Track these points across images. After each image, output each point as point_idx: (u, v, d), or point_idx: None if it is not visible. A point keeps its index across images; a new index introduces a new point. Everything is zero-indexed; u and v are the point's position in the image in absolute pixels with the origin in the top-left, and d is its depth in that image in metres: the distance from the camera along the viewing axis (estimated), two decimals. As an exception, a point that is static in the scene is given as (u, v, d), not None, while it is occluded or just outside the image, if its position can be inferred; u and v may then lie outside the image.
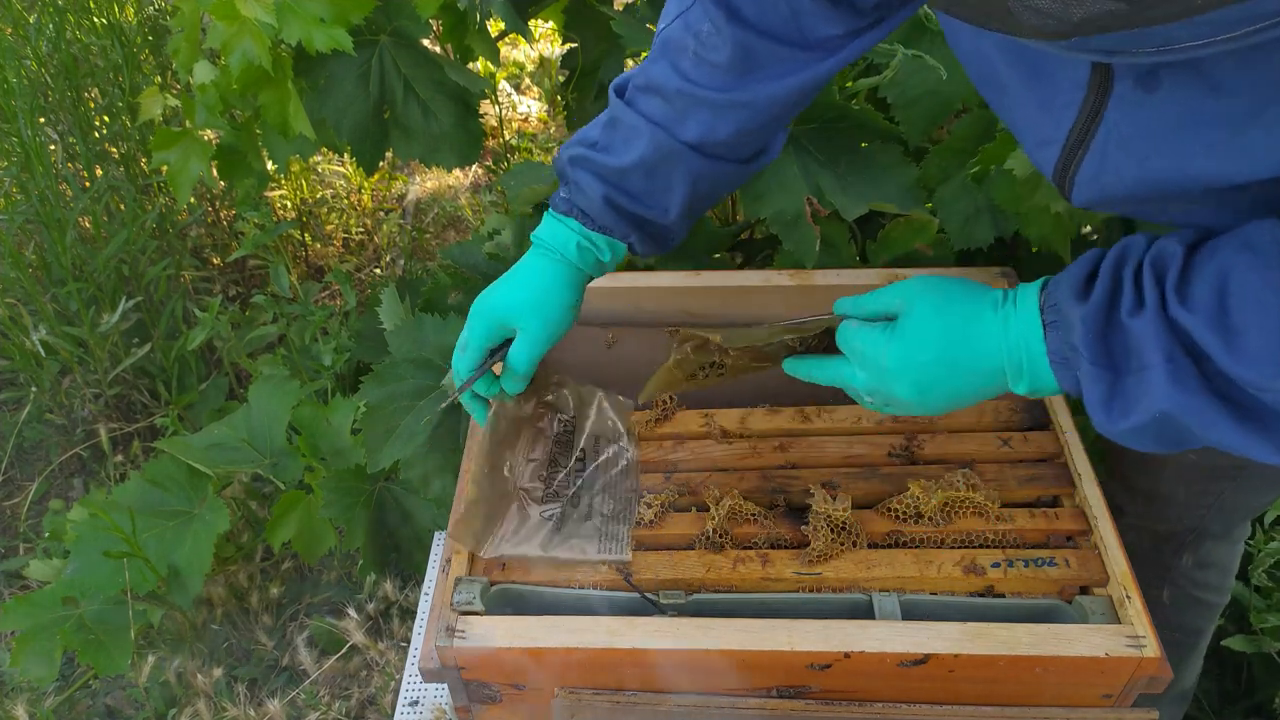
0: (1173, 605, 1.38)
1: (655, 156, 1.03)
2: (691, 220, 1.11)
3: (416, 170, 3.09)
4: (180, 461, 1.67)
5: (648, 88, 1.04)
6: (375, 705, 1.72)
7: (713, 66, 0.99)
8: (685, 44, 1.00)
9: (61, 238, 2.17)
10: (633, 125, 1.04)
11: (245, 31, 1.62)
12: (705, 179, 1.06)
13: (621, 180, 1.05)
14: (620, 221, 1.07)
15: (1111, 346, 0.76)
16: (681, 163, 1.04)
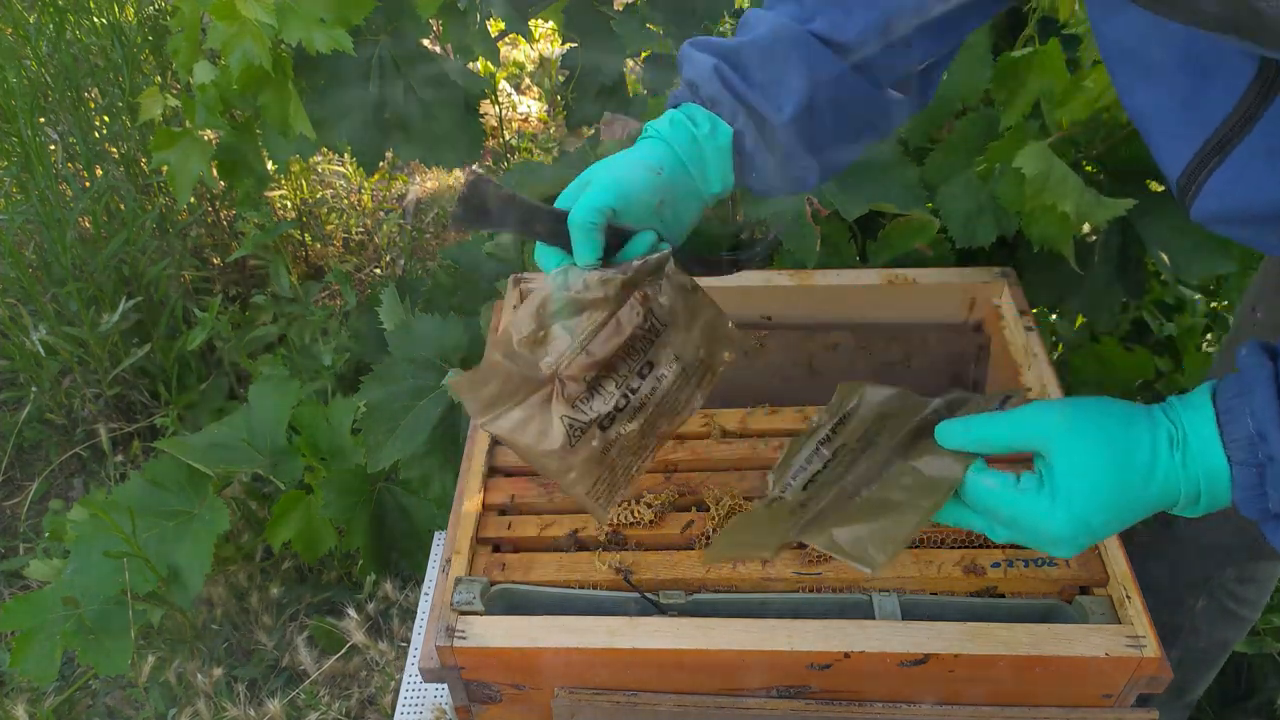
0: (1204, 616, 1.37)
1: (775, 37, 0.92)
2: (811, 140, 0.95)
3: (416, 170, 3.09)
4: (180, 461, 1.67)
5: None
6: (375, 705, 1.72)
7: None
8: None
9: (61, 238, 2.17)
10: (757, 16, 0.95)
11: (245, 31, 1.63)
12: (828, 83, 0.93)
13: (735, 55, 0.93)
14: (727, 96, 0.93)
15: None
16: (804, 52, 0.92)
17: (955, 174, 1.50)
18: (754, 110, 0.93)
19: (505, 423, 0.89)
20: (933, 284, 1.38)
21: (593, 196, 0.88)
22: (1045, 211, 1.38)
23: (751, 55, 0.93)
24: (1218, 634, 1.40)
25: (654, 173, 0.91)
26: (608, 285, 0.89)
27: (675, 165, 0.93)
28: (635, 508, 1.11)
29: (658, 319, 0.93)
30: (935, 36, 0.95)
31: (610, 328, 0.90)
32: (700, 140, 0.93)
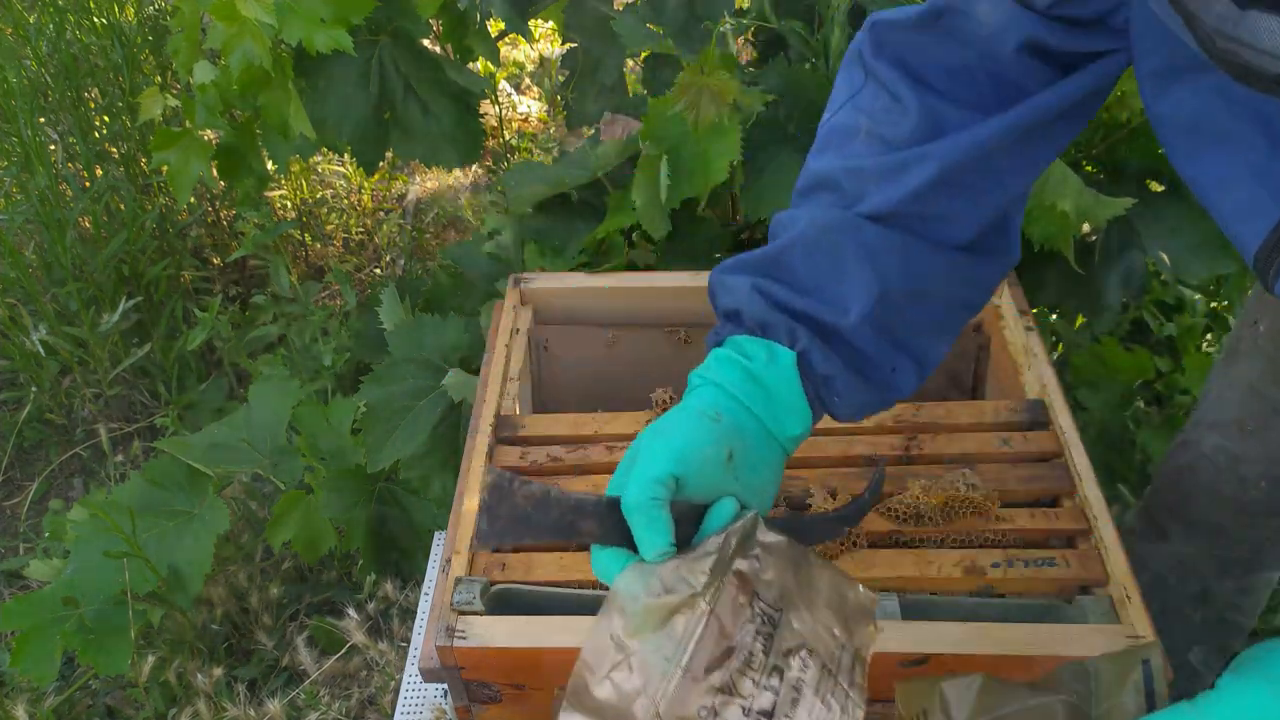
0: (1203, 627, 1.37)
1: (821, 229, 0.81)
2: (893, 336, 0.83)
3: (416, 170, 3.09)
4: (180, 461, 1.67)
5: (812, 186, 0.86)
6: (375, 705, 1.72)
7: (888, 142, 0.83)
8: (856, 126, 0.85)
9: (61, 238, 2.17)
10: (791, 217, 0.85)
11: (245, 32, 1.63)
12: (895, 262, 0.81)
13: (774, 265, 0.82)
14: (778, 315, 0.81)
15: None
16: (859, 237, 0.81)
17: (955, 174, 1.50)
18: (814, 321, 0.80)
19: None
20: (933, 284, 1.38)
21: (647, 468, 0.73)
22: (1045, 211, 1.38)
23: (795, 258, 0.81)
24: (1217, 642, 1.40)
25: (712, 420, 0.77)
26: (693, 577, 0.68)
27: (735, 409, 0.78)
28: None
29: (768, 604, 0.71)
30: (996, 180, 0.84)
31: (711, 633, 0.68)
32: (757, 374, 0.79)
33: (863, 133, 0.84)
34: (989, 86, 0.82)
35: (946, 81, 0.82)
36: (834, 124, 0.88)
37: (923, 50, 0.83)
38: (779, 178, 1.50)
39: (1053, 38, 0.78)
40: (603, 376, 1.42)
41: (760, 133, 1.52)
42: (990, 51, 0.81)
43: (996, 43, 0.80)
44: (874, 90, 0.85)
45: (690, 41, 1.71)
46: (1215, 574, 1.31)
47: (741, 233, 1.81)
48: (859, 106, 0.86)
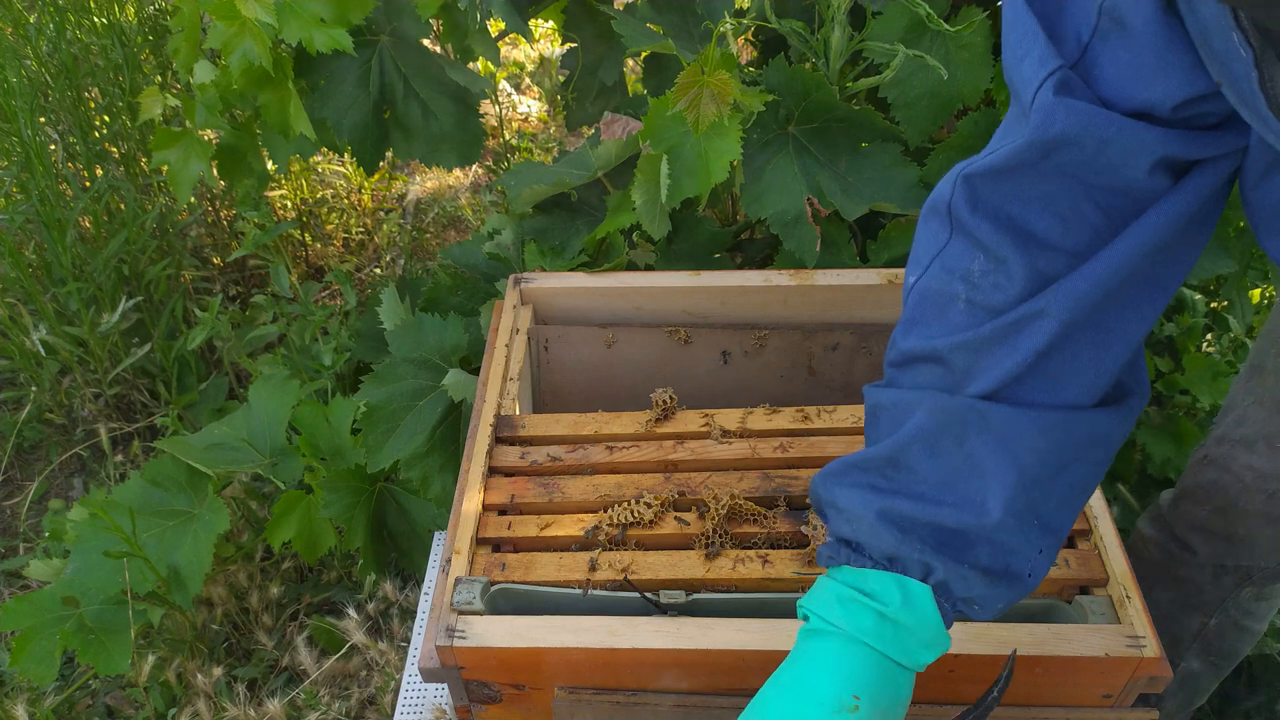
0: (1216, 631, 1.37)
1: (936, 423, 0.74)
2: (1037, 518, 0.75)
3: (416, 170, 3.09)
4: (180, 461, 1.67)
5: (911, 359, 0.79)
6: (375, 705, 1.72)
7: (993, 310, 0.75)
8: (952, 293, 0.77)
9: (61, 238, 2.17)
10: (898, 400, 0.78)
11: (245, 31, 1.63)
12: (1028, 443, 0.73)
13: (893, 470, 0.75)
14: (909, 541, 0.74)
15: None
16: (978, 424, 0.73)
17: (955, 174, 1.50)
18: (949, 532, 0.73)
19: None
20: (933, 284, 1.38)
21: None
22: (1045, 211, 1.38)
23: (916, 458, 0.74)
24: (1229, 648, 1.40)
25: (850, 711, 0.71)
26: None
27: (873, 671, 0.72)
28: (635, 508, 1.11)
29: None
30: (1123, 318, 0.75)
31: None
32: (892, 616, 0.73)
33: (961, 301, 0.76)
34: (1103, 223, 0.73)
35: (1059, 230, 0.73)
36: (924, 288, 0.79)
37: (1027, 198, 0.73)
38: (779, 178, 1.50)
39: (1187, 148, 0.69)
40: (603, 376, 1.42)
41: (760, 133, 1.52)
42: (1115, 180, 0.71)
43: (1127, 168, 0.70)
44: (964, 247, 0.76)
45: (690, 41, 1.71)
46: (1236, 583, 1.31)
47: (741, 233, 1.81)
48: (949, 268, 0.77)
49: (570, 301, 1.44)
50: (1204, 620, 1.36)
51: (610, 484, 1.16)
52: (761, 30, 1.93)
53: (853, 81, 1.58)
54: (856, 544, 0.76)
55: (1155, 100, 0.67)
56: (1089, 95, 0.68)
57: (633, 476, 1.17)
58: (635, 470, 1.18)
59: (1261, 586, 1.31)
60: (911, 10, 1.47)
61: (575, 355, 1.42)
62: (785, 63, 1.53)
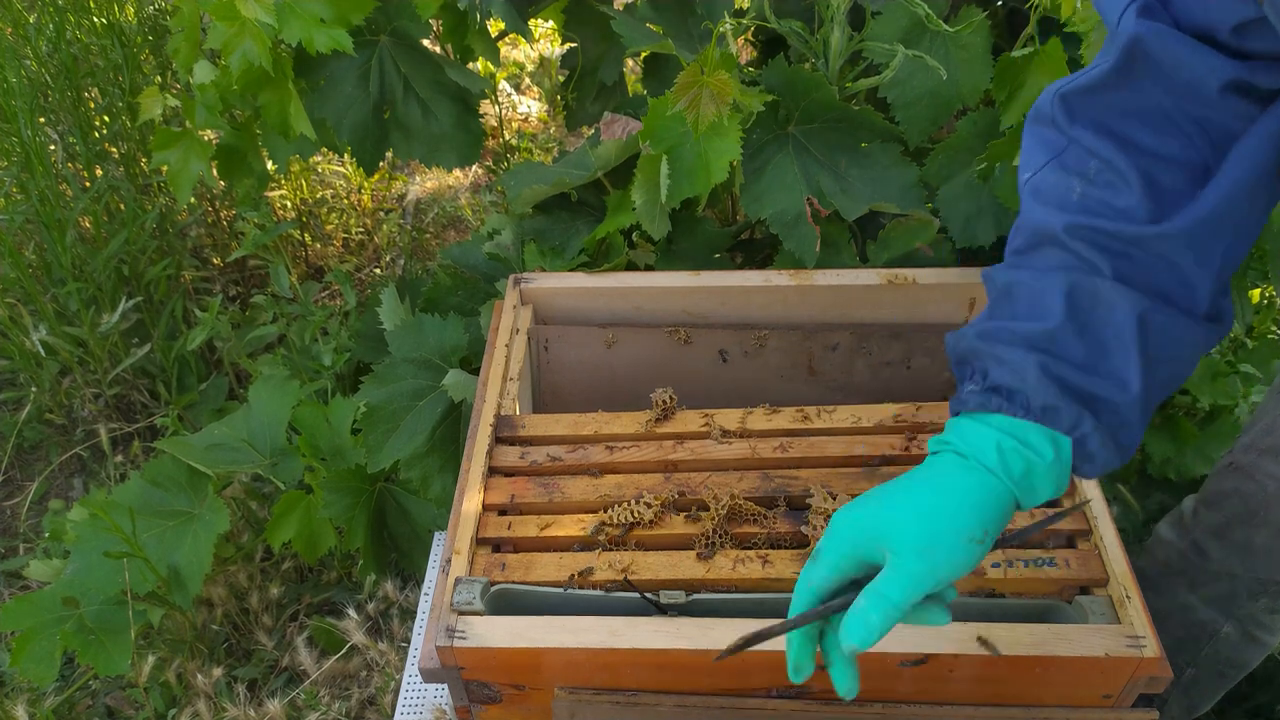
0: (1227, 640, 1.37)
1: (1082, 307, 0.81)
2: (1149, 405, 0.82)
3: (416, 170, 3.09)
4: (180, 461, 1.67)
5: (1033, 244, 0.85)
6: (375, 705, 1.72)
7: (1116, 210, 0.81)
8: (1069, 185, 0.83)
9: (61, 238, 2.17)
10: (1036, 282, 0.83)
11: (245, 32, 1.63)
12: (1156, 326, 0.80)
13: (1054, 345, 0.80)
14: (1067, 399, 0.79)
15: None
16: (1118, 306, 0.80)
17: (955, 174, 1.50)
18: (1098, 400, 0.80)
19: None
20: (933, 284, 1.38)
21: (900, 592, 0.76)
22: (1045, 211, 1.38)
23: (1068, 341, 0.81)
24: (1239, 658, 1.39)
25: (977, 544, 0.78)
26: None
27: (1003, 512, 0.79)
28: (635, 508, 1.11)
29: None
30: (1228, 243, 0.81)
31: None
32: (1037, 468, 0.80)
33: (1077, 191, 0.82)
34: (1196, 132, 0.79)
35: (1153, 137, 0.80)
36: (1036, 183, 0.85)
37: (1121, 110, 0.80)
38: (779, 178, 1.50)
39: (1254, 75, 0.76)
40: (603, 376, 1.42)
41: (760, 133, 1.52)
42: (1192, 95, 0.78)
43: (1203, 89, 0.77)
44: (1080, 154, 0.82)
45: (690, 41, 1.71)
46: (1251, 594, 1.31)
47: (741, 232, 1.81)
48: (1067, 166, 0.83)
49: (570, 301, 1.44)
50: (1215, 628, 1.35)
51: (610, 484, 1.16)
52: (761, 30, 1.93)
53: (852, 82, 1.58)
54: (1012, 393, 0.81)
55: (1215, 23, 0.75)
56: (1166, 18, 0.77)
57: (633, 476, 1.17)
58: (635, 470, 1.18)
59: (1276, 599, 1.30)
60: (911, 10, 1.47)
61: (575, 355, 1.42)
62: (785, 63, 1.53)
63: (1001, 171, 1.42)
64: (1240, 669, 1.42)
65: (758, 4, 1.55)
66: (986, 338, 0.83)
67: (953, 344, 0.88)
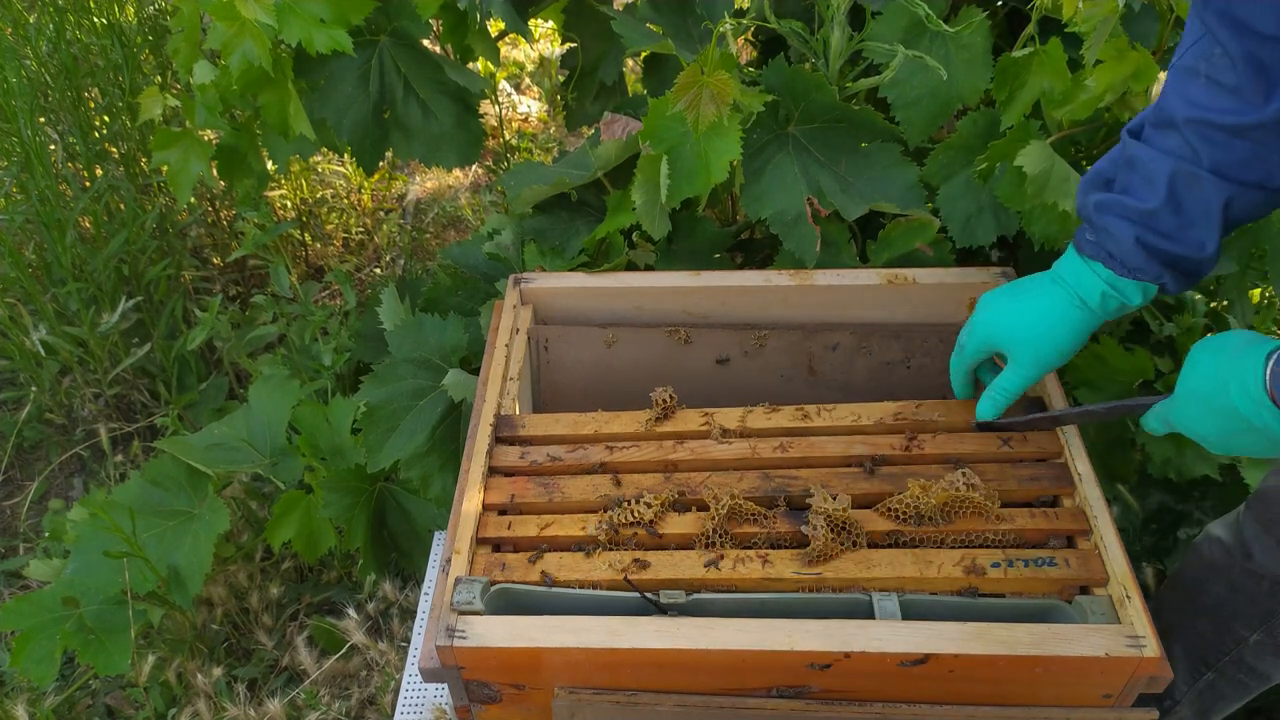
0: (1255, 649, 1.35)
1: (1181, 191, 1.01)
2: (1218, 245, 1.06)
3: (416, 170, 3.09)
4: (180, 461, 1.67)
5: (1160, 122, 1.03)
6: (375, 705, 1.72)
7: (1222, 89, 0.96)
8: (1197, 69, 0.98)
9: (61, 238, 2.17)
10: (1150, 163, 1.03)
11: (245, 32, 1.62)
12: (1238, 205, 1.01)
13: (1151, 221, 1.03)
14: (1152, 262, 1.05)
15: None
16: (1210, 192, 1.00)
17: (955, 174, 1.50)
18: (1177, 257, 1.04)
19: None
20: (933, 284, 1.38)
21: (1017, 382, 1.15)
22: (1046, 210, 1.38)
23: (1165, 217, 1.03)
24: (1263, 668, 1.38)
25: (1071, 353, 1.13)
26: None
27: (1092, 329, 1.11)
28: (635, 508, 1.11)
29: None
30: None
31: None
32: (1131, 307, 1.09)
33: (1201, 77, 0.98)
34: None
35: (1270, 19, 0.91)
36: (1180, 65, 1.01)
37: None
38: (779, 178, 1.50)
39: None
40: (603, 376, 1.42)
41: (760, 133, 1.52)
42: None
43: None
44: (1209, 41, 0.97)
45: (690, 41, 1.71)
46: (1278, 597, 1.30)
47: (741, 232, 1.81)
48: (1200, 52, 0.98)
49: (570, 301, 1.44)
50: (1245, 634, 1.34)
51: (610, 484, 1.16)
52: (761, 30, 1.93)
53: (852, 82, 1.58)
54: (1111, 256, 1.07)
55: None
56: None
57: (633, 476, 1.17)
58: (635, 470, 1.18)
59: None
60: (911, 10, 1.47)
61: (575, 355, 1.42)
62: (785, 63, 1.53)
63: (1001, 171, 1.41)
64: (1262, 681, 1.40)
65: (758, 4, 1.55)
66: (1101, 209, 1.07)
67: (1080, 200, 1.11)
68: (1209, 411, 0.96)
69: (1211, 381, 0.96)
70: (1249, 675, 1.39)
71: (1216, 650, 1.38)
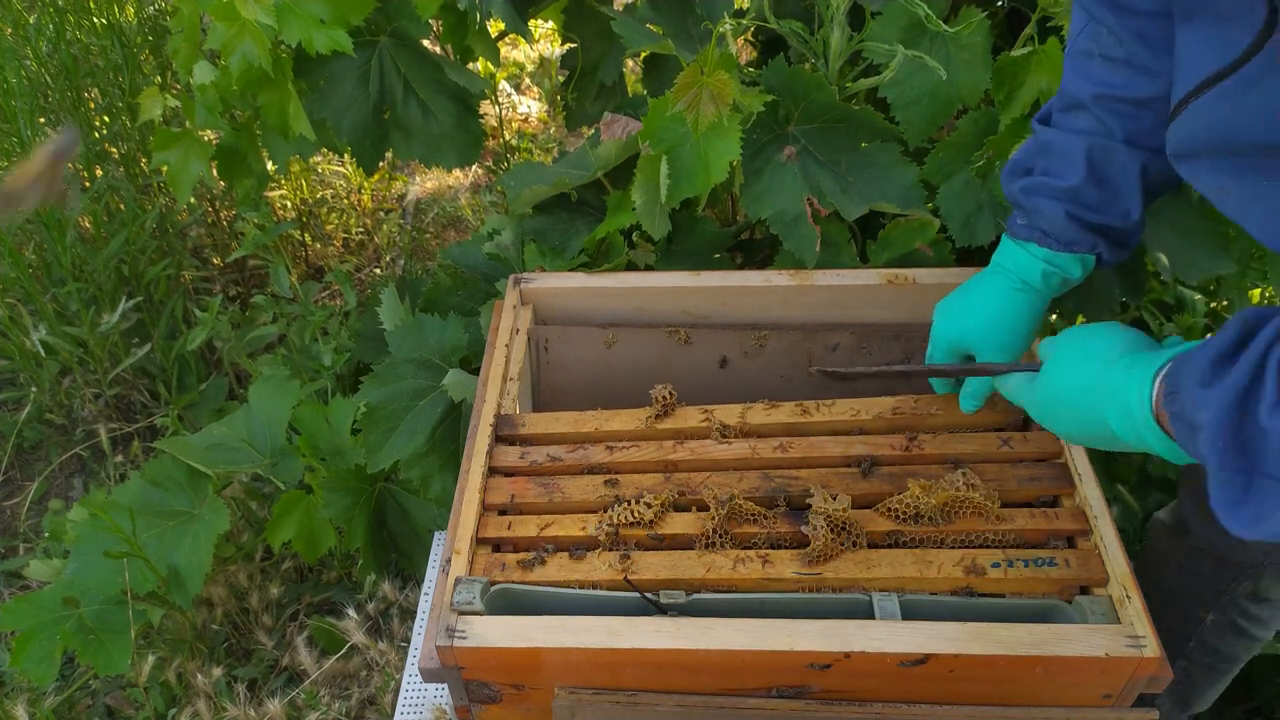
0: (1213, 629, 1.36)
1: (1099, 164, 1.06)
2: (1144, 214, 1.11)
3: (416, 170, 3.09)
4: (180, 461, 1.67)
5: (1068, 106, 1.09)
6: (375, 705, 1.72)
7: (1117, 63, 1.03)
8: (1091, 51, 1.05)
9: (61, 238, 2.17)
10: (1065, 144, 1.08)
11: (245, 32, 1.63)
12: (1154, 171, 1.06)
13: (1077, 196, 1.08)
14: (1085, 234, 1.09)
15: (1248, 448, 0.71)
16: (1126, 162, 1.05)
17: (955, 174, 1.50)
18: (1107, 228, 1.08)
19: None
20: (933, 284, 1.38)
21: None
22: (1045, 211, 1.38)
23: (1089, 191, 1.07)
24: (1225, 649, 1.39)
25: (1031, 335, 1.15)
26: None
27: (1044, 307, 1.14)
28: (635, 508, 1.11)
29: None
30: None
31: None
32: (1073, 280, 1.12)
33: (1096, 57, 1.05)
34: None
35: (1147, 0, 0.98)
36: (1073, 50, 1.08)
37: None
38: (778, 178, 1.50)
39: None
40: (603, 376, 1.42)
41: (760, 133, 1.52)
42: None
43: None
44: (1096, 25, 1.04)
45: (690, 41, 1.71)
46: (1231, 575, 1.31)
47: (741, 233, 1.81)
48: (1089, 36, 1.05)
49: (570, 302, 1.44)
50: (1202, 615, 1.35)
51: (610, 484, 1.16)
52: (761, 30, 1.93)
53: (852, 82, 1.58)
54: (1045, 234, 1.10)
55: None
56: None
57: (633, 476, 1.17)
58: (635, 470, 1.18)
59: (1256, 583, 1.30)
60: (911, 10, 1.47)
61: (575, 355, 1.42)
62: (785, 63, 1.53)
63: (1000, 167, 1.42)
64: (1230, 663, 1.41)
65: (758, 4, 1.55)
66: (1028, 192, 1.11)
67: (1005, 187, 1.15)
68: (1075, 422, 0.96)
69: (1081, 394, 0.94)
70: (1215, 658, 1.40)
71: (1181, 637, 1.39)
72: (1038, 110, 1.43)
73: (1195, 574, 1.33)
